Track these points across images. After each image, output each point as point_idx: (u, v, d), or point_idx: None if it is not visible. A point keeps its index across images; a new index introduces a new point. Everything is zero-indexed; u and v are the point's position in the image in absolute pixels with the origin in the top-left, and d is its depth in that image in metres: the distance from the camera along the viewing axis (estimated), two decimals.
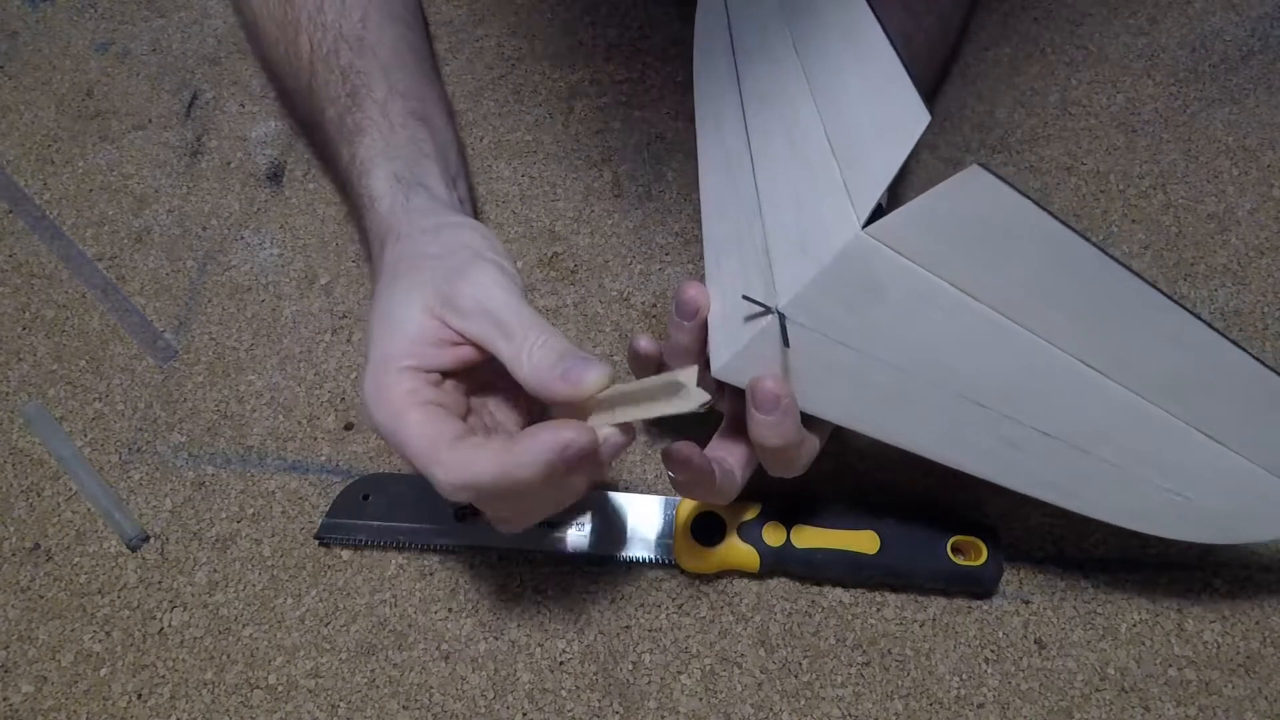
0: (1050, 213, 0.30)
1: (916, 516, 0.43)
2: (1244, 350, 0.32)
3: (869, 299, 0.32)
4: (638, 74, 0.57)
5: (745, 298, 0.33)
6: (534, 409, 0.37)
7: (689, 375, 0.30)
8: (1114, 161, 0.54)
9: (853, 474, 0.45)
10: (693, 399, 0.30)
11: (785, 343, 0.33)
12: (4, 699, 0.40)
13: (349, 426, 0.46)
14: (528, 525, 0.36)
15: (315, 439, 0.46)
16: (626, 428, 0.32)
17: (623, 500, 0.43)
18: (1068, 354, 0.32)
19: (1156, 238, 0.51)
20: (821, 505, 0.44)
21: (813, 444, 0.36)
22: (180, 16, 0.60)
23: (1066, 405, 0.34)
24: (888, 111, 0.31)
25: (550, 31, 0.58)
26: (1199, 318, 0.32)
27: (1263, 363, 0.33)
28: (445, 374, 0.34)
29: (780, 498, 0.43)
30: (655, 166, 0.54)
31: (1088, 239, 0.30)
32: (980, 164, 0.28)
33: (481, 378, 0.35)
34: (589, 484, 0.34)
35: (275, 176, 0.54)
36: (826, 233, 0.32)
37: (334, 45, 0.43)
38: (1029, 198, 0.29)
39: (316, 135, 0.46)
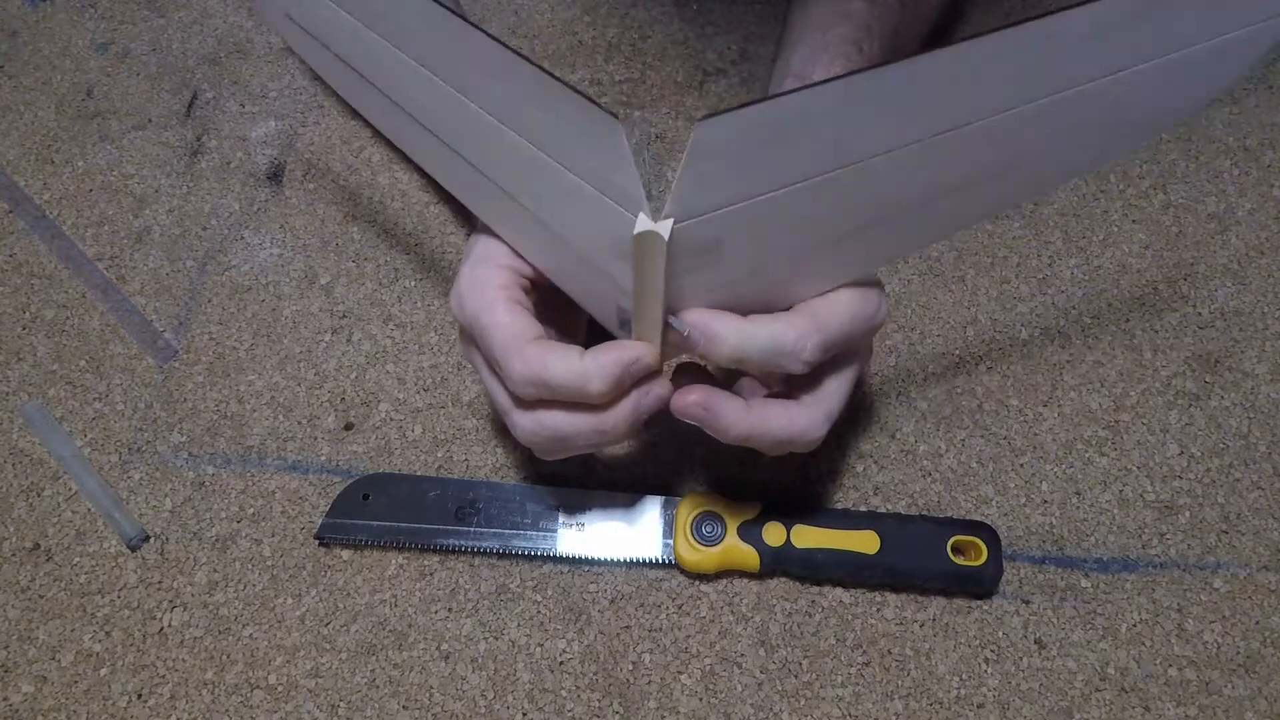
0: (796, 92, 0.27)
1: (916, 516, 0.43)
2: None
3: (715, 252, 0.31)
4: (638, 74, 0.57)
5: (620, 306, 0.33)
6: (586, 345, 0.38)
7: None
8: (1114, 161, 0.54)
9: (853, 474, 0.45)
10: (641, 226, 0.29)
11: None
12: (4, 699, 0.40)
13: (349, 426, 0.46)
14: (568, 451, 0.36)
15: (315, 439, 0.46)
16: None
17: (622, 500, 0.43)
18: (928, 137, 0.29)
19: (1156, 238, 0.51)
20: (821, 505, 0.44)
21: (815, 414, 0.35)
22: (180, 16, 0.60)
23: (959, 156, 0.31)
24: (577, 126, 0.29)
25: (550, 31, 0.59)
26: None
27: None
28: (532, 284, 0.36)
29: (780, 498, 0.43)
30: (655, 166, 0.54)
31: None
32: (700, 119, 0.27)
33: (550, 307, 0.37)
34: (634, 421, 0.34)
35: (275, 176, 0.54)
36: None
37: None
38: (758, 102, 0.27)
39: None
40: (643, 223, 0.30)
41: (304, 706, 0.40)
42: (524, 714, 0.40)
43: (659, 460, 0.45)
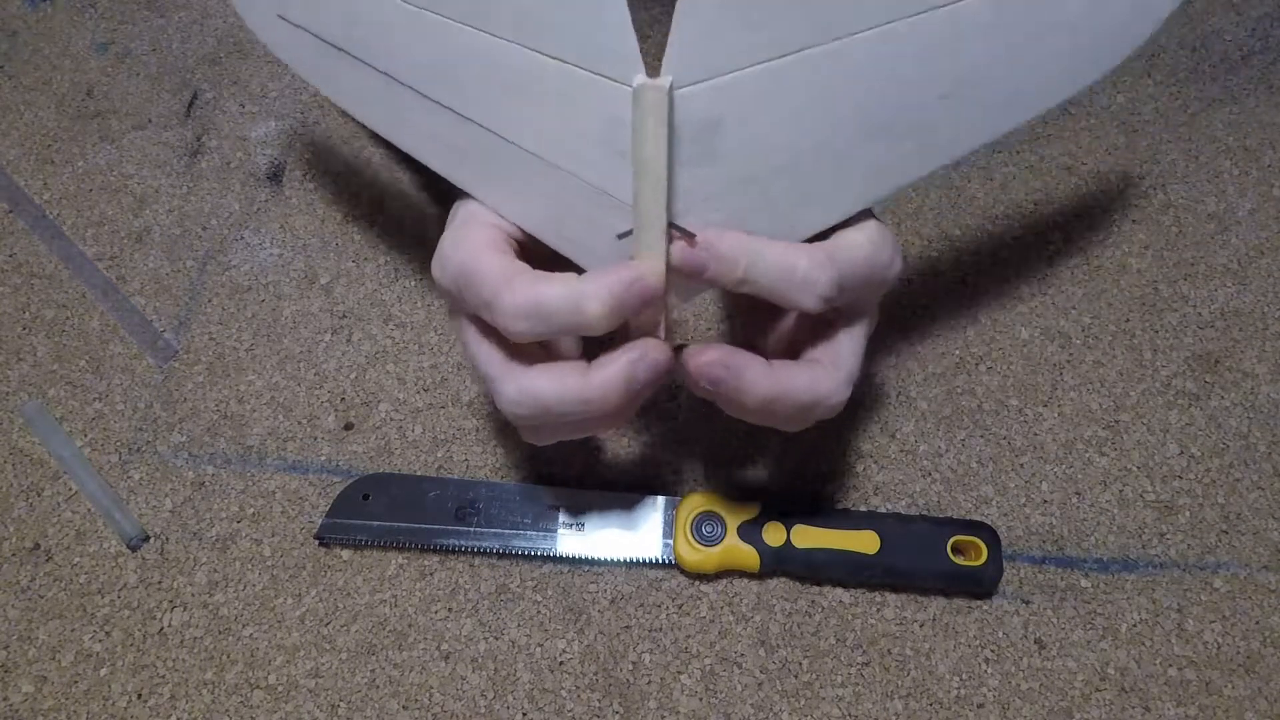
0: None
1: (916, 516, 0.43)
2: None
3: (714, 137, 0.30)
4: None
5: (620, 236, 0.32)
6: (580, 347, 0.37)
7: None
8: (1114, 161, 0.54)
9: (853, 474, 0.45)
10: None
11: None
12: (4, 699, 0.40)
13: (349, 426, 0.46)
14: (554, 427, 0.34)
15: (315, 439, 0.46)
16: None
17: (622, 500, 0.43)
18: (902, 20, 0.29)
19: (1156, 238, 0.51)
20: (821, 505, 0.44)
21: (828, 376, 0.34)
22: (180, 16, 0.60)
23: (947, 55, 0.30)
24: None
25: None
26: None
27: None
28: (520, 246, 0.35)
29: (780, 498, 0.43)
30: None
31: None
32: None
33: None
34: (630, 389, 0.31)
35: (275, 176, 0.54)
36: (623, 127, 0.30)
37: None
38: None
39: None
40: (640, 80, 0.29)
41: (304, 706, 0.40)
42: (524, 714, 0.40)
43: (659, 460, 0.45)
